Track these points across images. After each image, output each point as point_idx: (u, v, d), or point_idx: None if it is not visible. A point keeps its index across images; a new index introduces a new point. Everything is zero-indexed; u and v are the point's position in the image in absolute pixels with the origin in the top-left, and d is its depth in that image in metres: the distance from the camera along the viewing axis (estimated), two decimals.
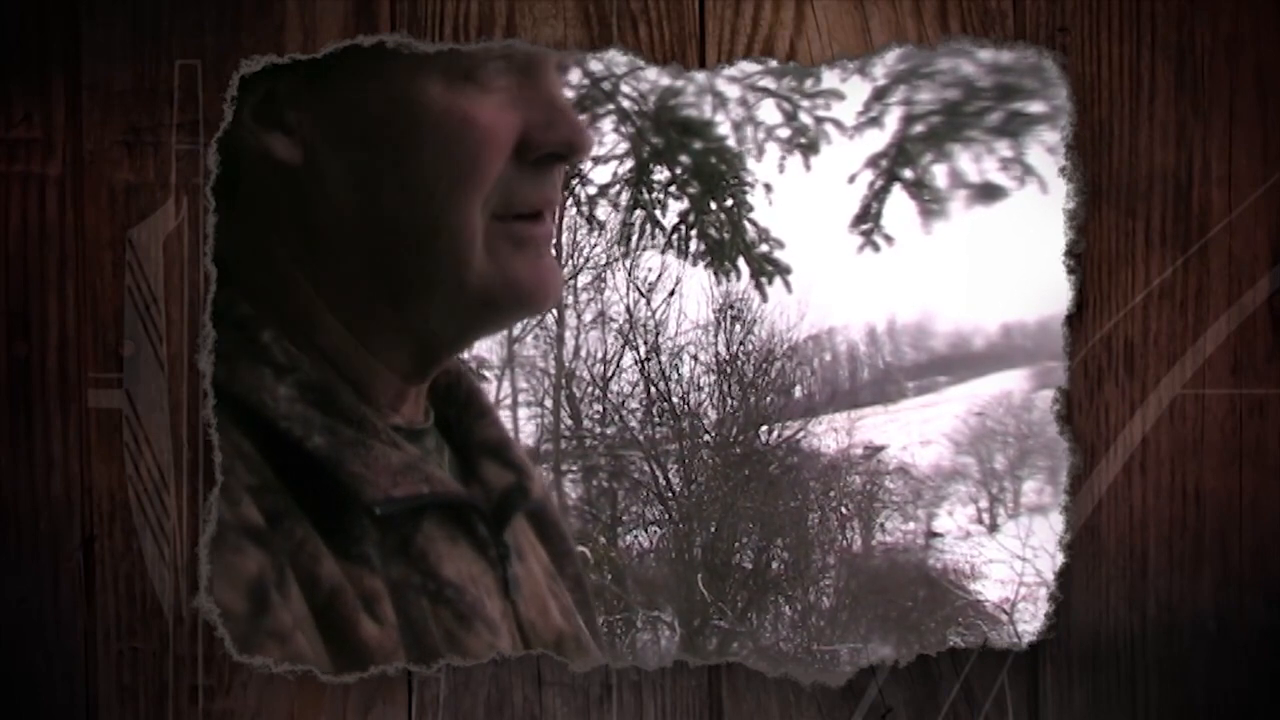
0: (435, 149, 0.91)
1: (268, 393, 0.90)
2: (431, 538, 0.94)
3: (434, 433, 1.01)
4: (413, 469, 0.93)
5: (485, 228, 0.93)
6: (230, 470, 0.88)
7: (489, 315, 0.97)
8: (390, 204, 0.92)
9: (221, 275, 0.96)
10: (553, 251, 0.98)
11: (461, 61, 0.93)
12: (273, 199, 0.94)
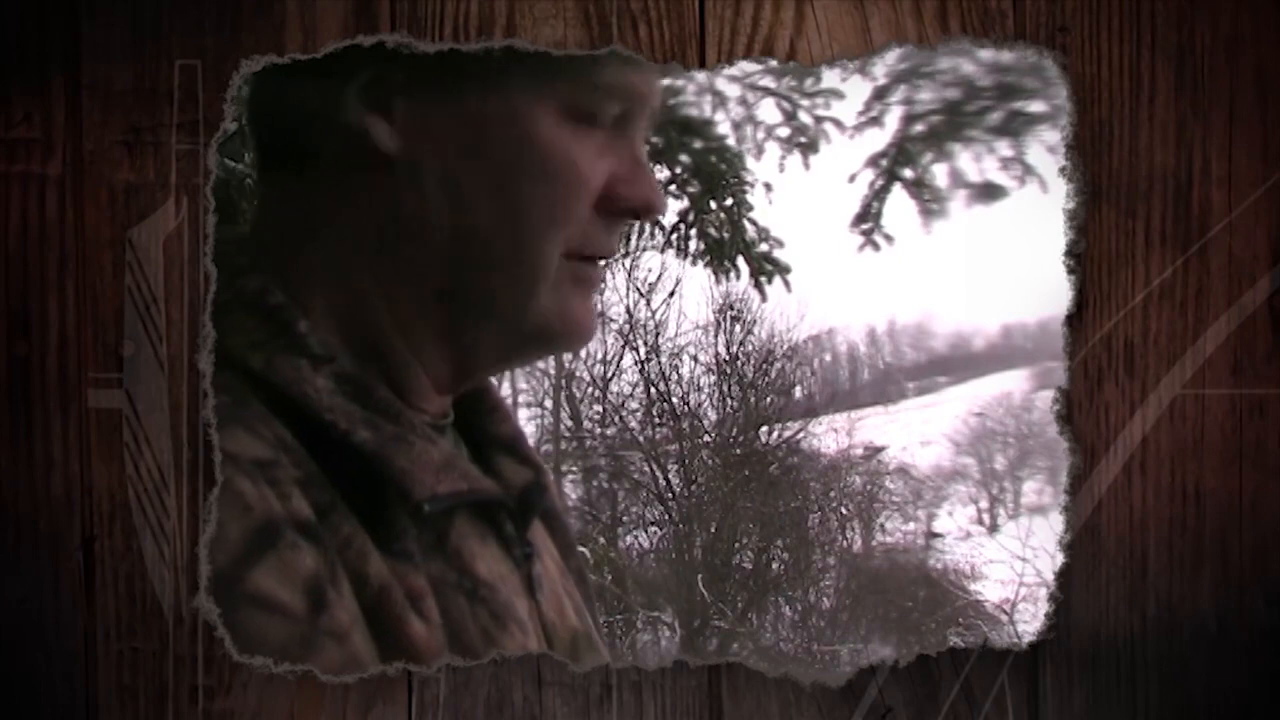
0: (536, 180, 0.92)
1: (309, 384, 0.89)
2: (464, 535, 0.93)
3: (452, 429, 1.01)
4: (452, 466, 0.93)
5: (557, 264, 0.94)
6: (276, 463, 0.85)
7: (537, 346, 0.99)
8: (483, 220, 0.92)
9: (256, 258, 0.94)
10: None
11: (583, 99, 0.94)
12: (355, 180, 0.93)
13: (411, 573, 0.88)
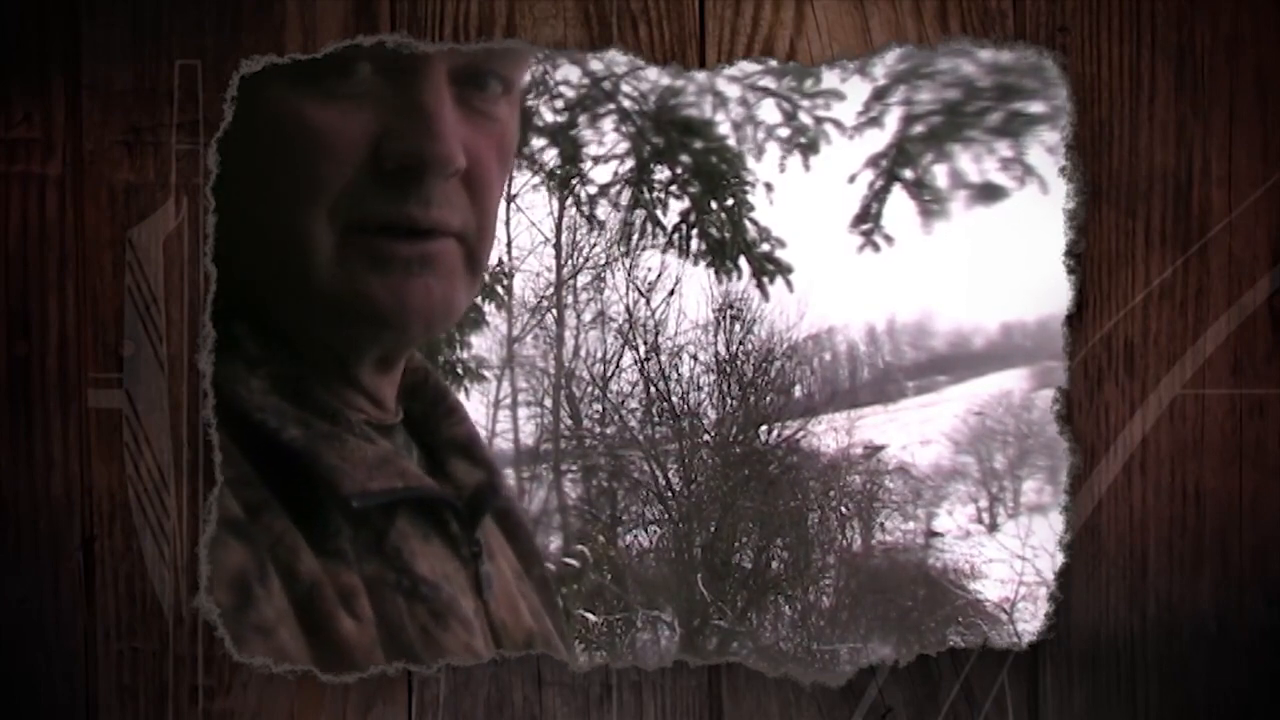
0: (273, 153, 0.91)
1: (242, 384, 0.91)
2: (405, 534, 0.93)
3: (402, 430, 1.01)
4: (387, 463, 0.93)
5: (338, 240, 0.90)
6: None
7: (344, 328, 0.93)
8: (239, 207, 0.94)
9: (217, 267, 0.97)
10: (450, 272, 0.94)
11: (310, 66, 0.93)
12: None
13: (344, 571, 0.88)
